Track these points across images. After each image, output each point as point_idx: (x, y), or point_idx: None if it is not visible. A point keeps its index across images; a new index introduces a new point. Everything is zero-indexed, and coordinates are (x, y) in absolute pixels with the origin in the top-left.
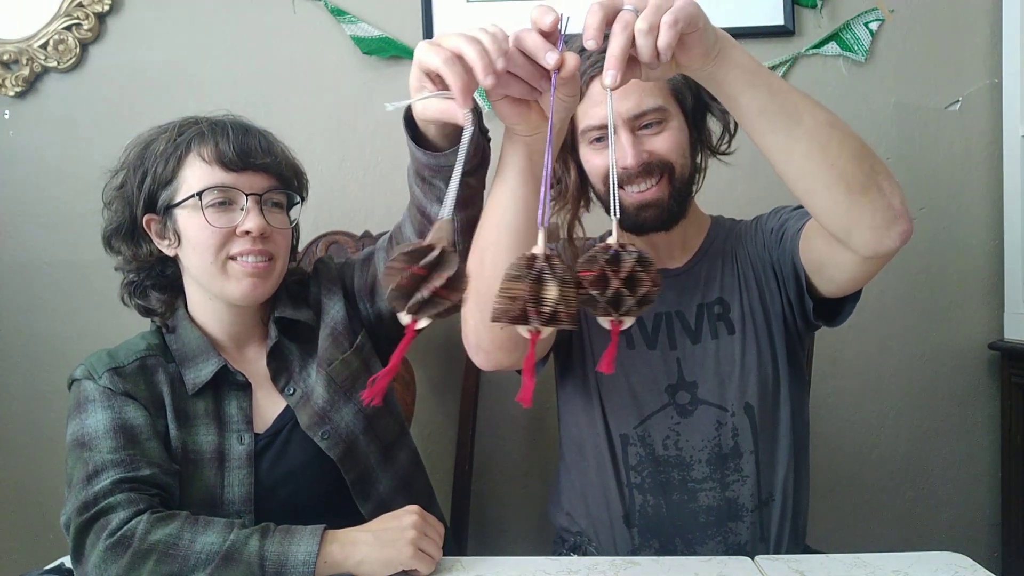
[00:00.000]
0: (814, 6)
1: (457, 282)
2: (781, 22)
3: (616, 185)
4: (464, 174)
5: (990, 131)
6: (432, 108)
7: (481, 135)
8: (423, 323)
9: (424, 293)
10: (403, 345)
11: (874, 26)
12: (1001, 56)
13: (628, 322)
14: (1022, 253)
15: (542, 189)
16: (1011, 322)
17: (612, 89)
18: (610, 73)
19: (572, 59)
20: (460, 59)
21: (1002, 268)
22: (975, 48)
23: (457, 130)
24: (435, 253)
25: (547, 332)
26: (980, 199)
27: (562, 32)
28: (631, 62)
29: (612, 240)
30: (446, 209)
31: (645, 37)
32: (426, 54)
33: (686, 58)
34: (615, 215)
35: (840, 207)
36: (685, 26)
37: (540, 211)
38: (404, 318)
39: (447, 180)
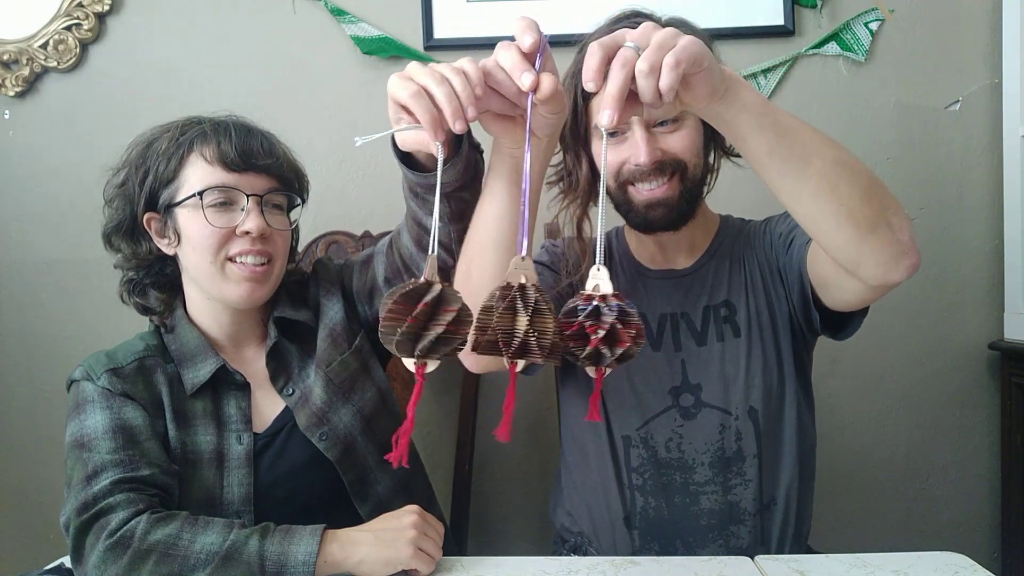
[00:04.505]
0: (814, 6)
1: (464, 317)
2: (781, 22)
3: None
4: (458, 188)
5: (990, 131)
6: (409, 138)
7: (472, 148)
8: (432, 366)
9: (433, 333)
10: (416, 395)
11: (874, 26)
12: (1001, 56)
13: (610, 370)
14: (1022, 253)
15: (522, 213)
16: (1011, 322)
17: (607, 130)
18: (606, 113)
19: (547, 81)
20: (427, 94)
21: (1002, 268)
22: (975, 48)
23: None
24: (436, 291)
25: (521, 365)
26: (980, 199)
27: (541, 51)
28: (632, 97)
29: (599, 284)
30: (432, 246)
31: (646, 78)
32: (395, 87)
33: (690, 97)
34: (600, 262)
35: (849, 245)
36: (688, 67)
37: (519, 240)
38: (410, 364)
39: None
